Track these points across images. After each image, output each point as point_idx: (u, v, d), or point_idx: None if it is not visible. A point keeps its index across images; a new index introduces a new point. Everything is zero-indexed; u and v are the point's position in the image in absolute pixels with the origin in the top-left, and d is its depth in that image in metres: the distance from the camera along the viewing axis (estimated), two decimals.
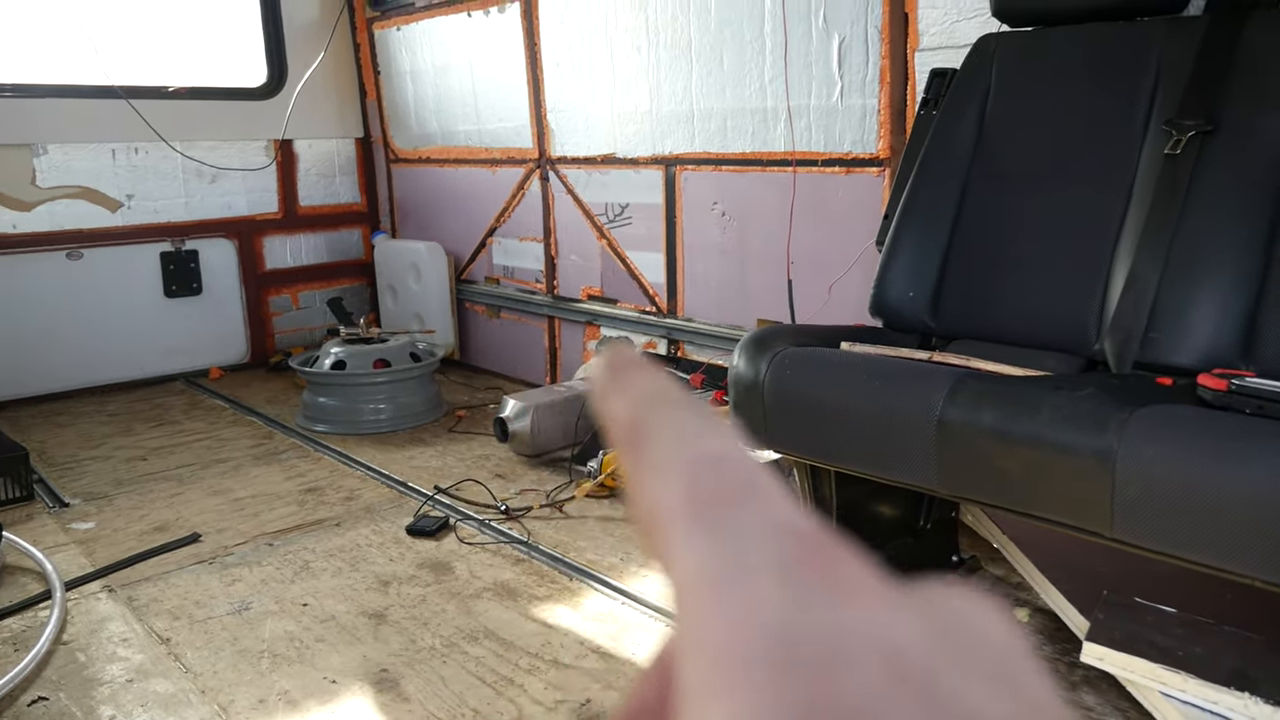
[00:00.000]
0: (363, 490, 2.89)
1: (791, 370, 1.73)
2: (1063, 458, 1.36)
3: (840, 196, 2.75)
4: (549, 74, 3.61)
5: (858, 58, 2.62)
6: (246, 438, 3.44)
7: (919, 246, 2.06)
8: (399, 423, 3.48)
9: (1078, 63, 2.00)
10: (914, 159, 2.17)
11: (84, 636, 2.06)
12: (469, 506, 2.71)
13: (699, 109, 3.09)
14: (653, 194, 3.33)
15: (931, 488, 1.61)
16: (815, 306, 2.79)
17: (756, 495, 0.16)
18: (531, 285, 3.95)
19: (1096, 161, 1.92)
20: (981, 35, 2.18)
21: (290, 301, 4.57)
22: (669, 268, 3.33)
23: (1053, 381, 1.55)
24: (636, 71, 3.27)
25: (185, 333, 4.27)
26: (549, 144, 3.70)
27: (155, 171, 4.14)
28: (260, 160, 4.41)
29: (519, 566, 2.35)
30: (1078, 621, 1.78)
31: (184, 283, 4.24)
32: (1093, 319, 1.84)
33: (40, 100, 3.84)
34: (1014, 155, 2.05)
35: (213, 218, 4.30)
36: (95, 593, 2.26)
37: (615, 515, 2.65)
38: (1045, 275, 1.93)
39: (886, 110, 2.59)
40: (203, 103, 4.21)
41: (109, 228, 4.04)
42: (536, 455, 3.08)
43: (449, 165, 4.25)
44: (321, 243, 4.65)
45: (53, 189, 3.91)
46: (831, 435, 1.70)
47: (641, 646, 1.98)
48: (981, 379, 1.58)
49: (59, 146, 3.90)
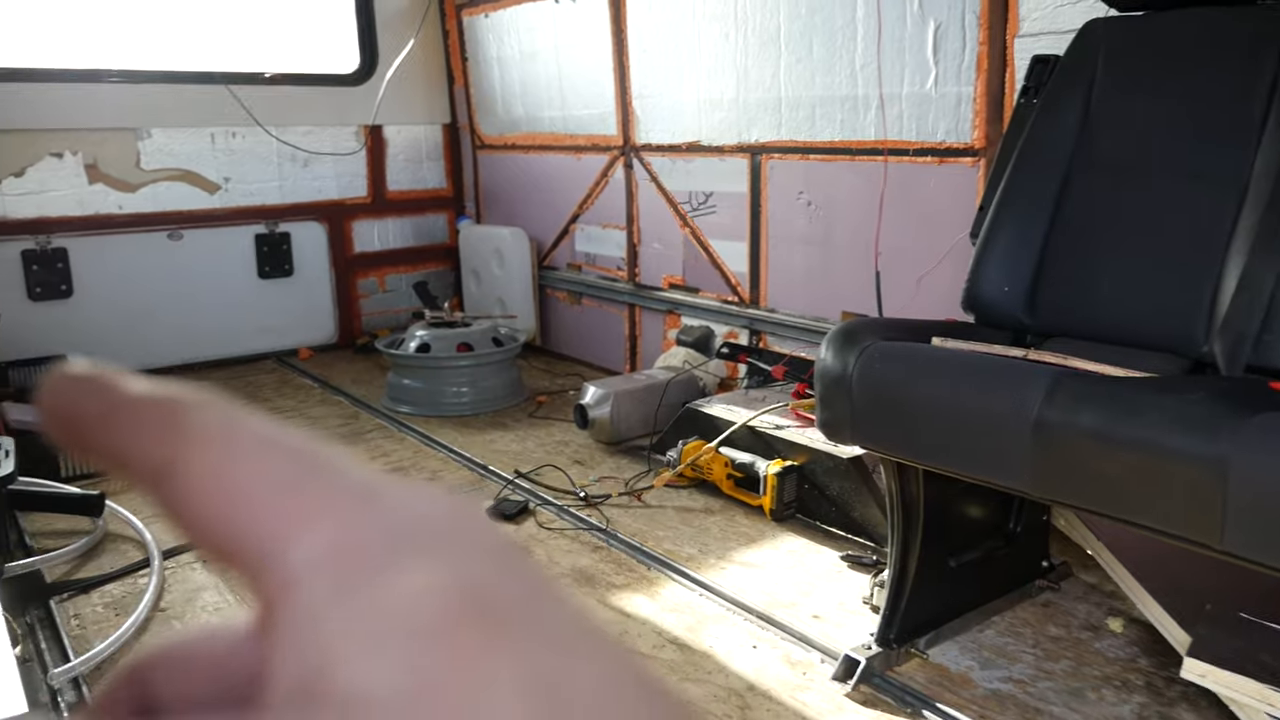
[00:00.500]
0: (444, 472, 2.93)
1: (881, 365, 1.69)
2: (1170, 464, 1.30)
3: (932, 187, 2.68)
4: (634, 60, 3.60)
5: (954, 44, 2.55)
6: (334, 417, 3.52)
7: (1016, 239, 1.99)
8: (480, 406, 3.53)
9: (1191, 49, 1.90)
10: (1012, 149, 2.10)
11: (180, 605, 2.14)
12: (548, 492, 2.73)
13: (786, 96, 3.05)
14: (737, 182, 3.29)
15: (1025, 490, 1.55)
16: (903, 300, 2.73)
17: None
18: (613, 272, 3.96)
19: (1209, 154, 1.83)
20: (1088, 20, 2.09)
21: (377, 284, 4.67)
22: (752, 257, 3.30)
23: (1158, 383, 1.49)
24: (723, 58, 3.23)
25: (277, 313, 4.39)
26: (633, 131, 3.69)
27: (251, 155, 4.26)
28: (351, 145, 4.50)
29: (597, 554, 2.35)
30: (1178, 635, 1.71)
31: (276, 264, 4.36)
32: (1201, 319, 1.76)
33: (145, 86, 3.98)
34: (1120, 146, 1.96)
35: (305, 201, 4.41)
36: (191, 562, 2.34)
37: (694, 506, 2.64)
38: (1150, 272, 1.85)
39: (983, 98, 2.51)
40: (297, 88, 4.31)
41: (207, 209, 4.18)
42: (615, 443, 3.08)
43: (533, 151, 4.28)
44: (408, 227, 4.73)
45: (155, 171, 4.05)
46: (921, 433, 1.65)
47: (719, 639, 1.96)
48: (1081, 379, 1.52)
49: (162, 130, 4.04)
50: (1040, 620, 2.02)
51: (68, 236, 3.87)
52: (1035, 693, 1.76)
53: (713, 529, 2.49)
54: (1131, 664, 1.85)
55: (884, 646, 1.84)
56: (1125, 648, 1.91)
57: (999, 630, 1.98)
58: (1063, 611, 2.05)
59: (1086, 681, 1.79)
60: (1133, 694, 1.75)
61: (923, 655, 1.88)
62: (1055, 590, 2.13)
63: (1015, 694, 1.76)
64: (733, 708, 1.73)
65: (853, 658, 1.81)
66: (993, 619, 2.02)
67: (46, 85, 3.77)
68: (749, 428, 2.64)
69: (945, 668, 1.85)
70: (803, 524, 2.51)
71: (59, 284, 3.85)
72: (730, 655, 1.91)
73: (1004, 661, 1.87)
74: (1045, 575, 2.14)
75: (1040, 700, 1.74)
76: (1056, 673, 1.83)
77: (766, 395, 2.88)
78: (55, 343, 3.82)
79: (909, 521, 1.85)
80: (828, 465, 2.45)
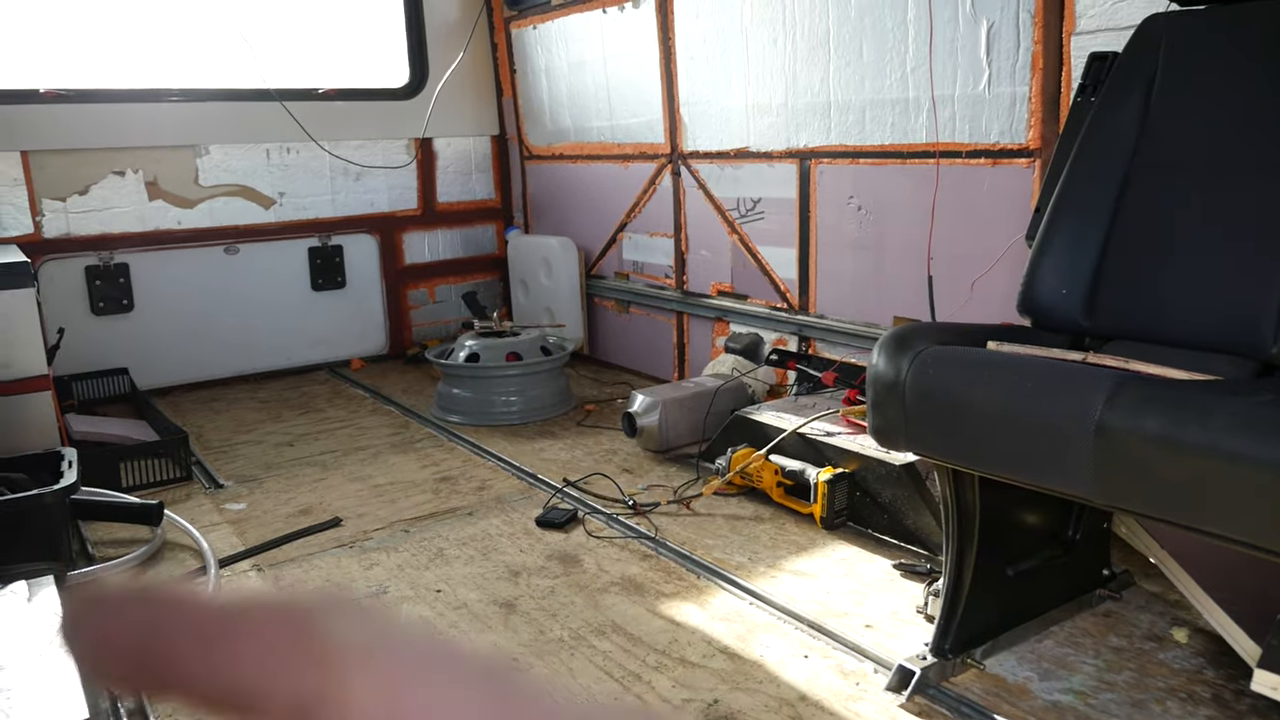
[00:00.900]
0: (494, 480, 2.94)
1: (935, 370, 1.66)
2: (1240, 469, 1.25)
3: (985, 189, 2.63)
4: (682, 68, 3.59)
5: (1008, 43, 2.50)
6: (385, 426, 3.56)
7: (1073, 241, 1.95)
8: (529, 415, 3.54)
9: (1256, 44, 1.84)
10: (1069, 149, 2.05)
11: None
12: (597, 500, 2.73)
13: (836, 101, 3.02)
14: (786, 188, 3.27)
15: (1086, 497, 1.51)
16: (956, 304, 2.68)
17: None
18: (661, 280, 3.95)
19: (1276, 152, 1.77)
20: (1147, 16, 2.04)
21: (427, 295, 4.72)
22: (801, 263, 3.27)
23: (1226, 386, 1.44)
24: (772, 64, 3.21)
25: (330, 324, 4.45)
26: (681, 138, 3.69)
27: (305, 170, 4.33)
28: (401, 158, 4.56)
29: (646, 562, 2.34)
30: (1247, 647, 1.64)
31: (329, 276, 4.42)
32: (1269, 320, 1.70)
33: (203, 104, 4.08)
34: (1181, 145, 1.90)
35: (357, 214, 4.48)
36: (246, 570, 2.38)
37: (743, 514, 2.61)
38: (1214, 273, 1.79)
39: (1038, 98, 2.46)
40: (349, 104, 4.38)
41: (262, 224, 4.26)
42: (664, 451, 3.07)
43: (581, 161, 4.29)
44: (457, 238, 4.78)
45: (213, 187, 4.14)
46: (977, 438, 1.62)
47: (770, 648, 1.94)
48: (1144, 382, 1.47)
49: (219, 147, 4.13)
50: (1101, 630, 1.96)
51: (129, 252, 3.97)
52: (1097, 704, 1.71)
53: (762, 537, 2.46)
54: (1198, 675, 1.78)
55: (939, 657, 1.80)
56: (1191, 659, 1.84)
57: (1058, 640, 1.92)
58: (1125, 621, 1.99)
59: (1150, 693, 1.74)
60: (1199, 706, 1.69)
61: (979, 666, 1.83)
62: (1117, 599, 2.07)
63: (1076, 705, 1.71)
64: (784, 718, 1.70)
65: (907, 668, 1.78)
66: (1051, 629, 1.96)
67: (108, 105, 3.88)
68: (799, 435, 2.61)
69: (1002, 678, 1.80)
70: (854, 532, 2.48)
71: (121, 298, 3.95)
72: (781, 665, 1.88)
73: (1064, 672, 1.81)
74: (1106, 584, 2.08)
75: (1102, 712, 1.69)
76: (1119, 684, 1.77)
77: (816, 402, 2.85)
78: (117, 355, 3.93)
79: (964, 529, 1.81)
80: (880, 472, 2.41)
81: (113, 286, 3.94)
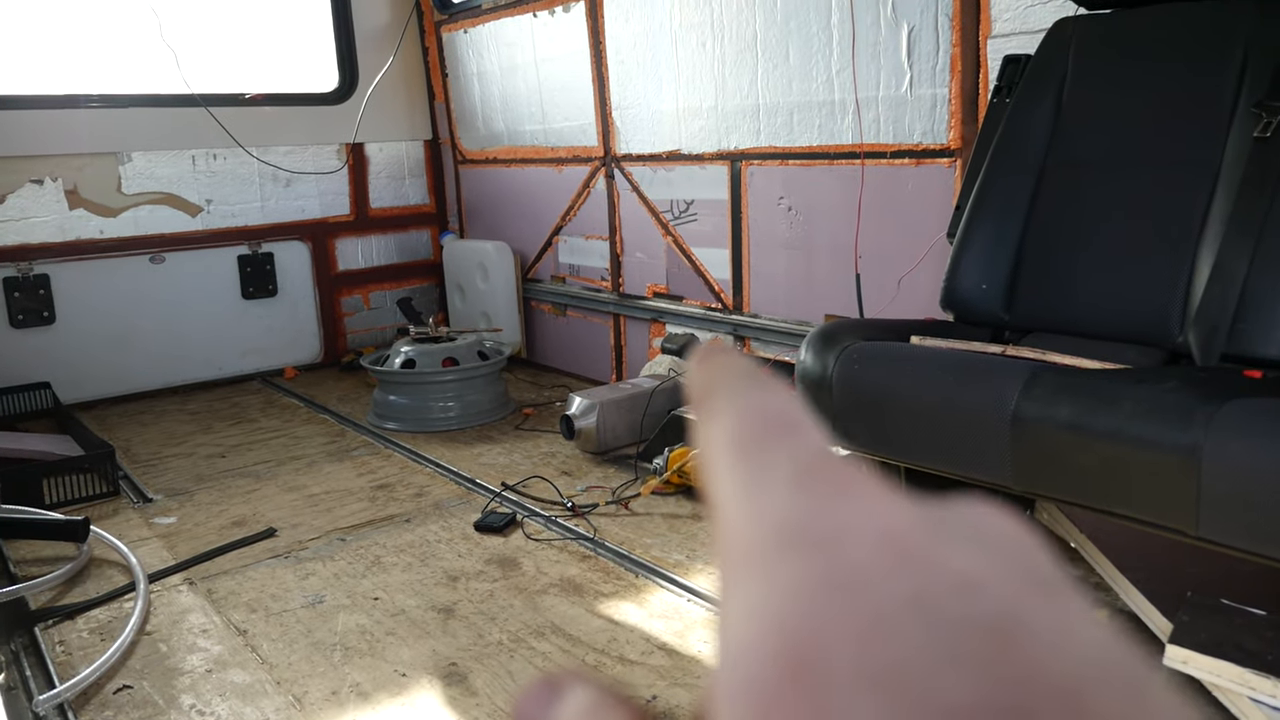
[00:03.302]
0: (432, 487, 2.93)
1: (860, 365, 1.70)
2: (1145, 453, 1.31)
3: (910, 188, 2.69)
4: (614, 72, 3.61)
5: (928, 46, 2.57)
6: (320, 435, 3.51)
7: (992, 238, 2.01)
8: (467, 420, 3.52)
9: (1159, 45, 1.92)
10: (986, 148, 2.12)
11: (166, 627, 2.12)
12: (536, 503, 2.73)
13: (765, 103, 3.06)
14: (718, 190, 3.31)
15: (1006, 484, 1.56)
16: (884, 301, 2.74)
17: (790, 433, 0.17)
18: (597, 283, 3.96)
19: (1180, 147, 1.85)
20: (1057, 19, 2.11)
21: (362, 302, 4.66)
22: (734, 264, 3.31)
23: (1134, 375, 1.50)
24: (701, 67, 3.25)
25: (261, 333, 4.38)
26: (614, 142, 3.70)
27: (233, 176, 4.26)
28: (332, 164, 4.50)
29: (585, 563, 2.35)
30: (1160, 624, 1.71)
31: (260, 284, 4.35)
32: (1176, 310, 1.77)
33: (124, 110, 3.98)
34: (1092, 142, 1.98)
35: (287, 221, 4.41)
36: (177, 585, 2.33)
37: (680, 512, 2.64)
38: (1125, 266, 1.86)
39: (958, 99, 2.53)
40: (277, 109, 4.32)
41: (189, 232, 4.17)
42: (602, 452, 3.08)
43: (515, 165, 4.29)
44: (392, 244, 4.73)
45: (137, 195, 4.05)
46: (901, 431, 1.66)
47: (707, 643, 1.96)
48: (1058, 373, 1.53)
49: (143, 154, 4.04)
50: None
51: (49, 263, 3.86)
52: None
53: (700, 534, 2.49)
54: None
55: None
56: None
57: None
58: None
59: None
60: None
61: None
62: None
63: None
64: None
65: None
66: None
67: (24, 112, 3.77)
68: None
69: None
70: None
71: (41, 310, 3.84)
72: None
73: None
74: None
75: None
76: None
77: None
78: (39, 369, 3.81)
79: None
80: None
81: (32, 298, 3.82)
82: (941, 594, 0.14)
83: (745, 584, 0.15)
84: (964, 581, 0.14)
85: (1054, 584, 0.15)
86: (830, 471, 0.16)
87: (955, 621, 0.13)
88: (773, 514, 0.15)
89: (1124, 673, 0.14)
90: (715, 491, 0.17)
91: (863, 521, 0.15)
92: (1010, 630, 0.13)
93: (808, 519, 0.15)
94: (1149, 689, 0.14)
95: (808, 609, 0.14)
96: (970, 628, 0.13)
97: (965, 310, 2.01)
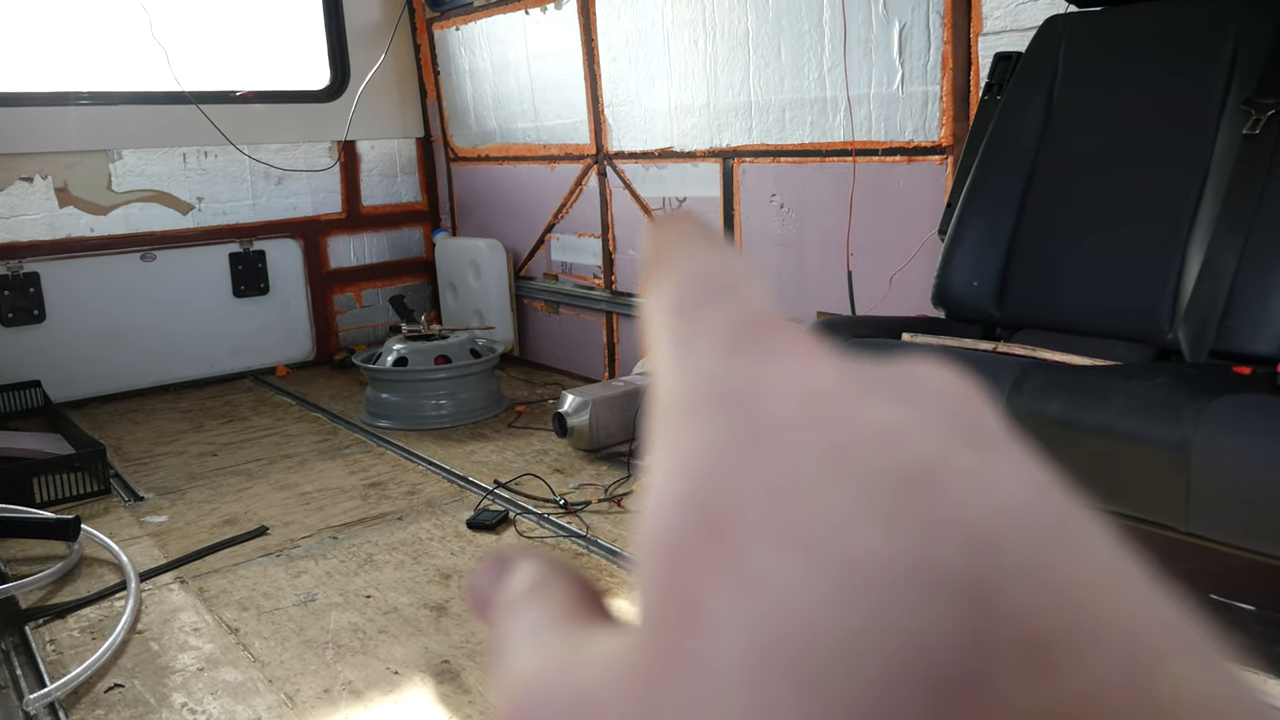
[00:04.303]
0: (424, 485, 2.92)
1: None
2: (1134, 449, 1.31)
3: (901, 186, 2.70)
4: (606, 69, 3.61)
5: (919, 44, 2.57)
6: (312, 433, 3.51)
7: (983, 235, 2.01)
8: (459, 418, 3.52)
9: (1149, 42, 1.93)
10: (977, 146, 2.12)
11: (157, 626, 2.12)
12: (528, 501, 2.73)
13: (757, 100, 3.07)
14: (710, 187, 3.31)
15: None
16: (876, 298, 2.75)
17: (727, 294, 0.17)
18: (589, 281, 3.96)
19: (1169, 144, 1.86)
20: (1048, 17, 2.12)
21: (354, 300, 4.65)
22: None
23: (1123, 371, 1.50)
24: (693, 64, 3.25)
25: (253, 331, 4.37)
26: (606, 139, 3.70)
27: (224, 174, 4.24)
28: (324, 161, 4.49)
29: (578, 560, 2.35)
30: None
31: (252, 283, 4.34)
32: (1166, 307, 1.78)
33: (116, 107, 3.96)
34: (1082, 139, 1.99)
35: (279, 219, 4.40)
36: (168, 584, 2.33)
37: None
38: (1115, 262, 1.87)
39: (949, 97, 2.54)
40: (268, 106, 4.30)
41: (180, 230, 4.16)
42: (595, 450, 3.08)
43: (507, 163, 4.28)
44: (384, 242, 4.72)
45: (128, 193, 4.03)
46: None
47: None
48: (1048, 369, 1.54)
49: (133, 152, 4.02)
50: None
51: (39, 261, 3.84)
52: None
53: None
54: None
55: None
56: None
57: None
58: None
59: None
60: None
61: None
62: None
63: None
64: None
65: None
66: None
67: (13, 110, 3.75)
68: None
69: None
70: None
71: (31, 309, 3.82)
72: None
73: None
74: None
75: None
76: None
77: None
78: (29, 368, 3.80)
79: None
80: None
81: (22, 297, 3.80)
82: (858, 447, 0.14)
83: (667, 443, 0.15)
84: (883, 434, 0.14)
85: (984, 434, 0.15)
86: (762, 331, 0.16)
87: (870, 473, 0.13)
88: (699, 374, 0.15)
89: (1050, 514, 0.14)
90: (652, 355, 0.17)
91: (787, 379, 0.15)
92: (925, 480, 0.13)
93: (732, 377, 0.15)
94: (1077, 529, 0.14)
95: (720, 462, 0.14)
96: (885, 479, 0.13)
97: (956, 307, 2.02)
